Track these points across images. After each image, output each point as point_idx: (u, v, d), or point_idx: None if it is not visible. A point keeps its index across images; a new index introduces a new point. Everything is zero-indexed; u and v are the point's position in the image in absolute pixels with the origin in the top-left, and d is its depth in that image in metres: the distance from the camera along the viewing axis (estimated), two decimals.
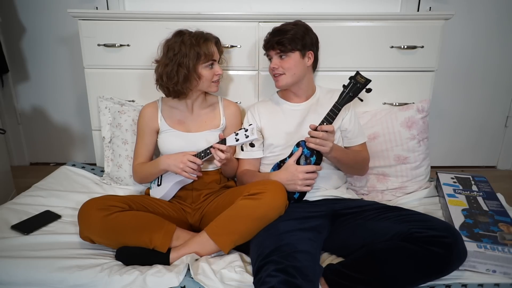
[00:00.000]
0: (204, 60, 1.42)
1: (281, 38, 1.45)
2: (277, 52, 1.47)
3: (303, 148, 1.37)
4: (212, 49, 1.44)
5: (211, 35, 1.48)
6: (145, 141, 1.54)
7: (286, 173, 1.35)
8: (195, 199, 1.48)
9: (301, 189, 1.33)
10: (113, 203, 1.26)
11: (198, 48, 1.41)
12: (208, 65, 1.44)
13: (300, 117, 1.52)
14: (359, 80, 1.24)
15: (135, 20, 1.75)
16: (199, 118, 1.55)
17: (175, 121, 1.53)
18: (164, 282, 1.12)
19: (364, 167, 1.55)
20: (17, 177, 2.25)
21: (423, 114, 1.69)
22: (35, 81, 2.53)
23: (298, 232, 1.19)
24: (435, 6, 2.22)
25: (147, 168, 1.49)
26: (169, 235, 1.26)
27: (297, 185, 1.32)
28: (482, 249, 1.14)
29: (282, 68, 1.47)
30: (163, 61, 1.45)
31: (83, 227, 1.24)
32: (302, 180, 1.31)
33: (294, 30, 1.47)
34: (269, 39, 1.49)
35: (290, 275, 1.01)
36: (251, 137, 1.27)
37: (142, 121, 1.55)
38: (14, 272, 1.13)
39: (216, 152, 1.31)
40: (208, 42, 1.43)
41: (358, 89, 1.25)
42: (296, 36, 1.46)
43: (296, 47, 1.46)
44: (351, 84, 1.26)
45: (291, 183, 1.33)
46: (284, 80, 1.48)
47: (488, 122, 2.58)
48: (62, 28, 2.36)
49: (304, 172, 1.32)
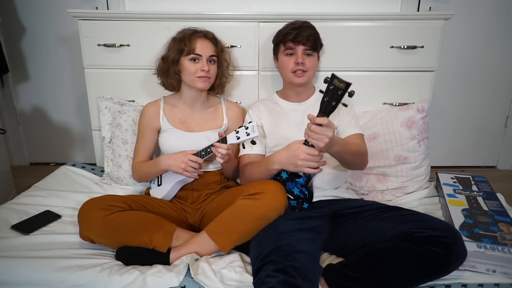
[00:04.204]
0: (186, 53, 1.43)
1: (311, 35, 1.43)
2: (306, 48, 1.44)
3: None
4: (195, 44, 1.43)
5: (203, 31, 1.49)
6: (146, 139, 1.54)
7: (287, 151, 1.26)
8: (195, 199, 1.48)
9: (301, 170, 1.22)
10: (113, 203, 1.26)
11: (182, 42, 1.43)
12: (191, 58, 1.44)
13: (300, 117, 1.52)
14: (338, 85, 1.07)
15: (135, 20, 1.74)
16: (201, 118, 1.55)
17: (176, 120, 1.53)
18: (164, 282, 1.12)
19: (363, 161, 1.46)
20: (17, 177, 2.25)
21: (423, 114, 1.69)
22: (35, 81, 2.53)
23: (297, 232, 1.19)
24: (435, 6, 2.22)
25: (147, 168, 1.49)
26: (169, 235, 1.26)
27: (298, 165, 1.21)
28: (482, 249, 1.14)
29: (306, 66, 1.44)
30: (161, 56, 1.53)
31: (83, 227, 1.24)
32: (303, 160, 1.20)
33: (314, 30, 1.48)
34: (299, 33, 1.43)
35: (289, 275, 1.01)
36: (252, 135, 1.27)
37: (144, 120, 1.54)
38: (14, 272, 1.13)
39: (217, 149, 1.30)
40: (194, 36, 1.44)
41: (339, 96, 1.08)
42: (318, 36, 1.48)
43: (318, 47, 1.48)
44: (329, 91, 1.10)
45: (290, 161, 1.23)
46: (306, 78, 1.46)
47: (488, 122, 2.58)
48: (62, 28, 2.36)
49: (305, 153, 1.20)
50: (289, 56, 1.47)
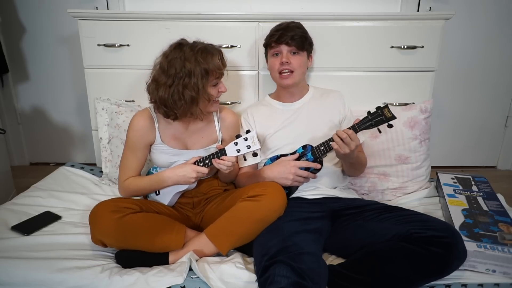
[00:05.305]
0: (212, 77, 1.28)
1: (296, 34, 1.43)
2: (291, 48, 1.45)
3: (308, 152, 1.37)
4: (219, 63, 1.29)
5: (214, 47, 1.32)
6: (137, 155, 1.39)
7: (279, 166, 1.35)
8: (196, 204, 1.47)
9: (291, 184, 1.33)
10: (125, 204, 1.24)
11: (205, 64, 1.25)
12: (215, 83, 1.32)
13: (293, 116, 1.52)
14: (386, 113, 1.24)
15: (135, 20, 1.74)
16: (194, 135, 1.42)
17: (170, 136, 1.40)
18: (168, 281, 1.12)
19: (363, 170, 1.58)
20: (17, 177, 2.25)
21: (426, 115, 1.69)
22: (35, 81, 2.53)
23: (302, 233, 1.19)
24: (435, 6, 2.22)
25: (145, 185, 1.37)
26: (182, 233, 1.25)
27: (289, 179, 1.31)
28: (482, 249, 1.14)
29: (292, 65, 1.44)
30: (164, 81, 1.26)
31: (95, 230, 1.21)
32: (294, 175, 1.31)
33: (302, 29, 1.48)
34: (283, 33, 1.43)
35: (300, 277, 1.01)
36: (253, 147, 1.23)
37: (136, 134, 1.37)
38: (14, 272, 1.12)
39: (222, 163, 1.25)
40: (214, 56, 1.28)
41: (381, 121, 1.25)
42: (305, 36, 1.48)
43: (305, 46, 1.48)
44: (376, 114, 1.25)
45: (283, 177, 1.32)
46: (293, 79, 1.47)
47: (488, 122, 2.58)
48: (62, 28, 2.36)
49: (297, 167, 1.31)
50: (275, 57, 1.48)
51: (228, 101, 1.82)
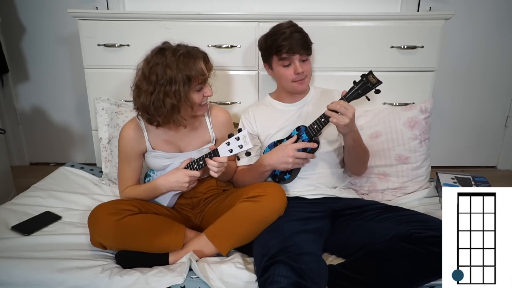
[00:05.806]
0: (195, 83, 1.24)
1: (304, 42, 1.43)
2: (302, 57, 1.43)
3: (303, 133, 1.37)
4: (202, 68, 1.24)
5: (198, 51, 1.27)
6: (132, 166, 1.39)
7: (277, 152, 1.34)
8: (195, 205, 1.47)
9: (292, 167, 1.33)
10: (124, 206, 1.24)
11: (187, 70, 1.20)
12: (199, 88, 1.27)
13: (294, 116, 1.52)
14: (371, 79, 1.23)
15: (135, 20, 1.74)
16: (185, 137, 1.40)
17: (161, 141, 1.38)
18: (168, 281, 1.12)
19: (366, 161, 1.53)
20: (17, 177, 2.25)
21: (426, 115, 1.69)
22: (35, 81, 2.53)
23: (302, 233, 1.19)
24: (435, 6, 2.22)
25: (142, 194, 1.38)
26: (181, 233, 1.25)
27: (289, 163, 1.31)
28: None
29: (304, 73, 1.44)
30: (145, 87, 1.22)
31: (95, 232, 1.21)
32: (293, 157, 1.30)
33: (303, 33, 1.46)
34: (292, 42, 1.39)
35: (301, 277, 1.01)
36: (245, 147, 1.20)
37: (127, 146, 1.37)
38: (14, 272, 1.13)
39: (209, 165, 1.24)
40: (197, 61, 1.23)
41: (368, 88, 1.24)
42: (308, 39, 1.47)
43: (311, 50, 1.48)
44: (361, 82, 1.25)
45: (282, 162, 1.32)
46: (306, 84, 1.49)
47: (488, 122, 2.58)
48: (62, 28, 2.36)
49: (294, 150, 1.31)
50: (286, 67, 1.44)
51: (228, 101, 1.82)
